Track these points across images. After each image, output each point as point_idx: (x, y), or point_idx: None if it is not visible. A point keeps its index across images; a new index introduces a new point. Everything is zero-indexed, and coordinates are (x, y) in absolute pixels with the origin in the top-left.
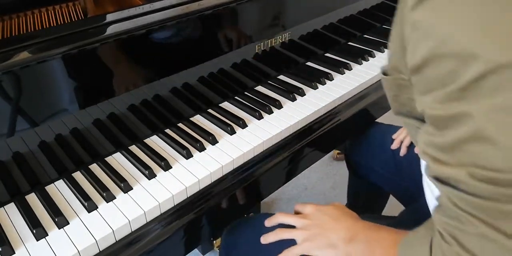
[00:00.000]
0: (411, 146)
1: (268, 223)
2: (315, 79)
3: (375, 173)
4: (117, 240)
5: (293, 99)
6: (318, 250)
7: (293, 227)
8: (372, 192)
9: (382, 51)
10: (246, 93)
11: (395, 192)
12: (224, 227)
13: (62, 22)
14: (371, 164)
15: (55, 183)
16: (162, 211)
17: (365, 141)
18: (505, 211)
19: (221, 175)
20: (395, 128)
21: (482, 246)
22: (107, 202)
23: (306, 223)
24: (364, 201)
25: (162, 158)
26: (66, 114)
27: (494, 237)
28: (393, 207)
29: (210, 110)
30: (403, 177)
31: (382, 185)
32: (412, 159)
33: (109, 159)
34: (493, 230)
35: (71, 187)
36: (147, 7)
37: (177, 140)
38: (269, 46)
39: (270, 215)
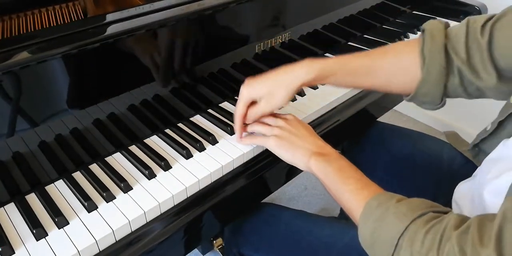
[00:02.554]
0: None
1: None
2: None
3: (376, 174)
4: (117, 240)
5: (293, 99)
6: (281, 149)
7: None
8: None
9: None
10: None
11: None
12: (224, 227)
13: (62, 22)
14: (371, 164)
15: (55, 183)
16: (162, 211)
17: (366, 141)
18: None
19: (221, 175)
20: (396, 128)
21: None
22: (107, 202)
23: (282, 124)
24: None
25: (162, 158)
26: (66, 114)
27: None
28: None
29: (210, 110)
30: (404, 183)
31: (382, 186)
32: (416, 167)
33: (109, 159)
34: None
35: (71, 187)
36: (147, 7)
37: (177, 140)
38: (269, 46)
39: (275, 205)
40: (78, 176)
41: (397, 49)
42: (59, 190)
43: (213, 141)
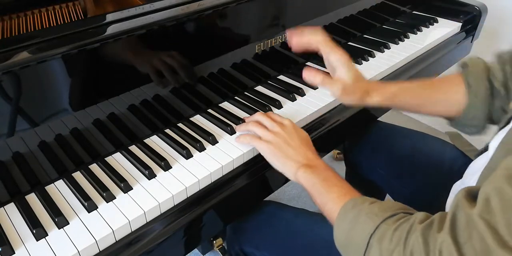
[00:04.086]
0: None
1: (248, 118)
2: None
3: (376, 174)
4: (117, 240)
5: (293, 99)
6: (273, 157)
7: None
8: (368, 192)
9: (382, 51)
10: (246, 93)
11: (394, 197)
12: (224, 227)
13: (62, 22)
14: (372, 164)
15: (55, 183)
16: (162, 211)
17: (366, 141)
18: None
19: (221, 175)
20: (397, 128)
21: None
22: (107, 202)
23: (278, 130)
24: None
25: (162, 158)
26: (66, 114)
27: None
28: None
29: (210, 110)
30: (405, 183)
31: (382, 186)
32: (417, 167)
33: (109, 159)
34: None
35: (71, 187)
36: (147, 7)
37: (177, 140)
38: (269, 46)
39: (276, 203)
40: (78, 176)
41: (448, 82)
42: (59, 190)
43: (213, 141)
